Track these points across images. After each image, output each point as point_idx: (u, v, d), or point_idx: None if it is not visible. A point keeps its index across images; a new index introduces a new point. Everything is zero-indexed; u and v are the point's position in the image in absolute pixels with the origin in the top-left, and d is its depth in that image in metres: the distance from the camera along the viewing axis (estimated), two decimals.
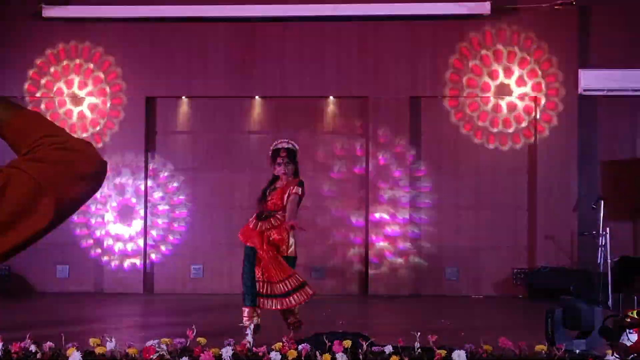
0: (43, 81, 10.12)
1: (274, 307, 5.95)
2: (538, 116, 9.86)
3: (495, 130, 9.96)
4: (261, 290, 5.91)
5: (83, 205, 1.30)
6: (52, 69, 10.12)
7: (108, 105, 10.11)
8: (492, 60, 9.92)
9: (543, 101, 9.85)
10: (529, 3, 9.78)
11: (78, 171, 1.23)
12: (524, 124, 9.95)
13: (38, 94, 10.11)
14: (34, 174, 1.18)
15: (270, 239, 5.96)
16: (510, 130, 9.96)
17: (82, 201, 1.26)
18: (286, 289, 5.88)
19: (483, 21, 9.87)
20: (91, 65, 10.10)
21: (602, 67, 9.73)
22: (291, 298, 5.90)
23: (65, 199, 1.21)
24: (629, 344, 4.78)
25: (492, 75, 9.93)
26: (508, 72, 9.91)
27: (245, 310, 5.98)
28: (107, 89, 10.09)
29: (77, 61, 10.12)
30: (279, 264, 5.91)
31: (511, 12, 9.86)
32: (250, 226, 6.07)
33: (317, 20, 9.97)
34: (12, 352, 5.04)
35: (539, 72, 9.86)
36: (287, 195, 5.97)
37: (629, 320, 4.84)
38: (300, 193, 5.98)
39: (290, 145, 6.06)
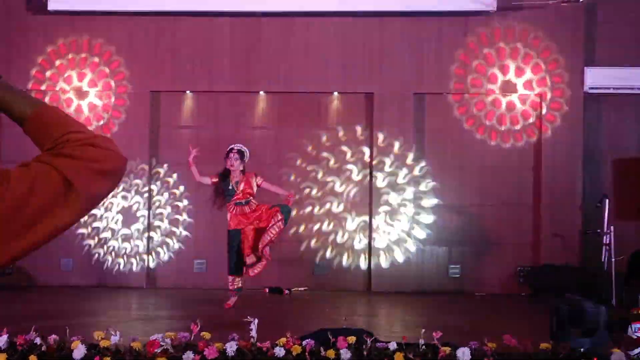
0: (48, 74, 10.12)
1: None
2: (543, 114, 9.83)
3: (499, 127, 9.94)
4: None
5: (104, 200, 1.34)
6: (56, 62, 10.11)
7: (112, 99, 10.11)
8: (498, 57, 9.90)
9: (548, 99, 9.82)
10: (535, 0, 9.75)
11: (104, 168, 1.27)
12: (529, 122, 9.93)
13: (43, 87, 10.10)
14: (63, 169, 1.21)
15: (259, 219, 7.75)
16: (515, 127, 9.94)
17: (105, 196, 1.29)
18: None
19: (489, 18, 9.84)
20: (96, 59, 10.10)
21: (608, 65, 9.71)
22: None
23: (91, 195, 1.24)
24: (634, 337, 4.78)
25: (498, 72, 9.90)
26: (514, 69, 9.88)
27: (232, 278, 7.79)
28: (112, 83, 10.09)
29: (82, 55, 10.11)
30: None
31: (517, 9, 9.83)
32: (236, 213, 7.86)
33: (322, 16, 9.96)
34: (17, 345, 5.05)
35: (545, 70, 9.83)
36: (255, 183, 7.86)
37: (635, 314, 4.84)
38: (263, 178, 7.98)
39: (240, 147, 8.01)
